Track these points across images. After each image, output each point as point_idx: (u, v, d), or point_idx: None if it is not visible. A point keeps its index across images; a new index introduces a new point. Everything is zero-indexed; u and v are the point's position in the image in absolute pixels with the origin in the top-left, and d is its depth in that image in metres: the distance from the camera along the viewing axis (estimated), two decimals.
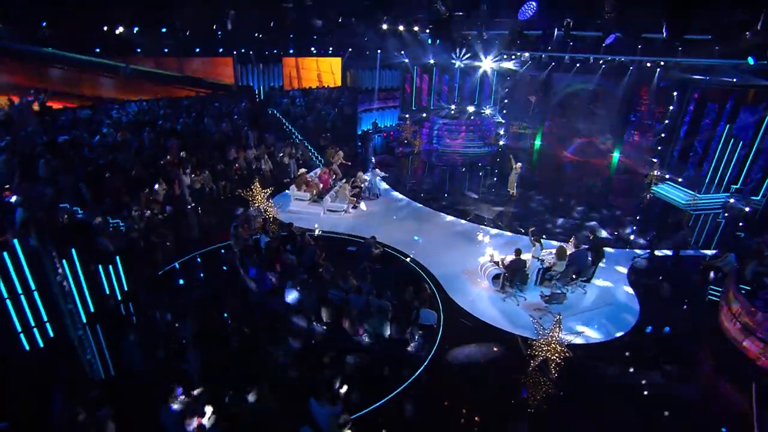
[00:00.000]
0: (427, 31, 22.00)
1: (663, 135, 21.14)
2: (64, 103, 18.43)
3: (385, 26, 21.64)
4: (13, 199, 10.76)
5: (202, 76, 22.33)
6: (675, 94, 20.75)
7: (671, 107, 21.09)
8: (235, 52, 22.61)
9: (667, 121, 21.23)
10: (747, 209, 17.38)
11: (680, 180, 19.28)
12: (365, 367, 8.56)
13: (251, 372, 8.09)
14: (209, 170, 16.29)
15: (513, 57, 23.38)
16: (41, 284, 7.49)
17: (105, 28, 16.97)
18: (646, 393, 8.38)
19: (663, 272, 12.71)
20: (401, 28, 22.20)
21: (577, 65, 22.09)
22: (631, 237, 14.82)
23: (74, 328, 6.49)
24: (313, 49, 25.85)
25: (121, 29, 17.18)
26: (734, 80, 17.79)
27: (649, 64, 19.88)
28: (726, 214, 17.13)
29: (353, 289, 9.70)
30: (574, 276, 11.17)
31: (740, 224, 16.55)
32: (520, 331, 9.79)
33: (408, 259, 12.66)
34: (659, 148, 21.25)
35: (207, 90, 22.14)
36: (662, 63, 19.49)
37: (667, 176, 19.72)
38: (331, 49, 26.48)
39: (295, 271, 10.52)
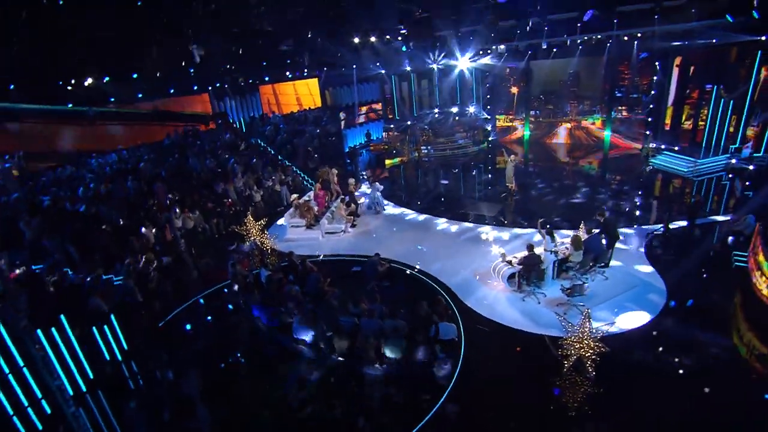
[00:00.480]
0: (399, 38, 21.78)
1: (652, 106, 20.84)
2: (42, 164, 17.94)
3: (356, 39, 21.38)
4: None
5: (189, 121, 21.87)
6: (657, 63, 20.52)
7: (655, 77, 20.85)
8: (210, 88, 22.28)
9: (653, 92, 20.96)
10: (751, 167, 16.97)
11: (676, 149, 18.94)
12: (389, 396, 7.98)
13: (267, 422, 7.49)
14: (200, 209, 15.80)
15: (489, 51, 23.14)
16: (29, 360, 6.91)
17: (73, 81, 16.55)
18: (693, 376, 7.80)
19: (682, 244, 12.22)
20: (373, 39, 21.97)
21: (555, 50, 21.89)
22: (640, 213, 14.39)
23: (66, 406, 5.91)
24: (288, 73, 25.59)
25: (90, 81, 16.78)
26: (714, 41, 17.54)
27: (626, 38, 19.67)
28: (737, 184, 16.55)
29: (364, 312, 9.15)
30: (591, 263, 10.64)
31: (747, 184, 16.14)
32: (546, 330, 9.22)
33: (415, 270, 12.12)
34: (650, 120, 20.95)
35: (184, 122, 21.41)
36: (639, 34, 19.28)
37: (662, 147, 19.37)
38: (306, 70, 26.22)
39: (301, 302, 9.98)
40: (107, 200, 14.95)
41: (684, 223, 13.12)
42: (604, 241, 10.97)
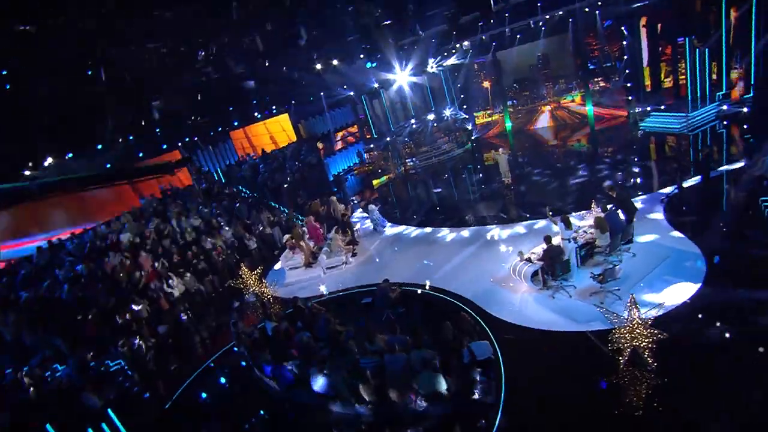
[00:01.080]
0: (362, 56, 21.33)
1: (628, 71, 20.40)
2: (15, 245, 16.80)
3: (318, 66, 20.87)
4: None
5: (150, 174, 20.76)
6: (623, 28, 20.17)
7: (624, 42, 20.48)
8: (180, 144, 21.52)
9: (626, 57, 20.56)
10: (745, 109, 16.41)
11: (663, 108, 18.42)
12: None
13: None
14: (191, 271, 14.88)
15: (454, 51, 22.74)
16: None
17: (31, 164, 15.64)
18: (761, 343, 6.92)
19: (702, 201, 11.48)
20: (335, 62, 21.49)
21: (519, 37, 21.54)
22: (647, 179, 13.70)
23: None
24: (256, 114, 24.95)
25: (50, 160, 15.93)
26: None
27: (587, 9, 19.35)
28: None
29: (385, 348, 8.21)
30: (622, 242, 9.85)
31: (745, 127, 15.56)
32: (587, 326, 8.30)
33: (427, 287, 11.23)
34: (629, 85, 20.48)
35: (147, 176, 20.20)
36: (600, 2, 18.98)
37: (649, 109, 18.84)
38: (274, 107, 25.59)
39: (314, 349, 9.03)
40: (90, 281, 13.97)
41: (697, 179, 12.39)
42: (622, 217, 10.19)
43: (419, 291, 11.22)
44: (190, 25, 15.24)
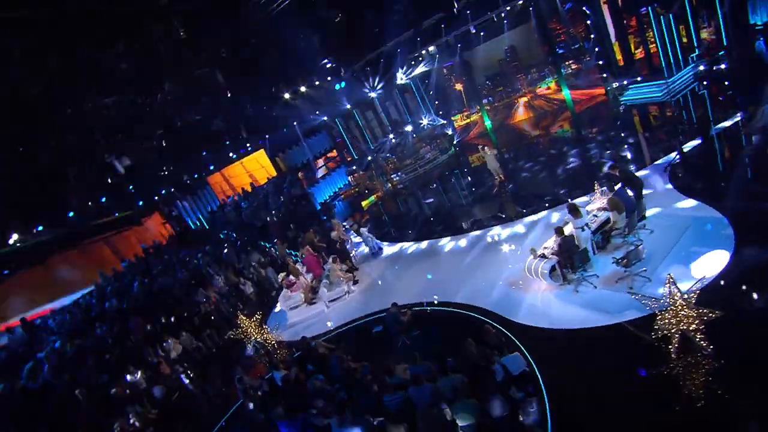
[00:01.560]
0: (329, 78, 20.87)
1: (597, 49, 20.17)
2: None
3: (287, 95, 20.33)
4: None
5: (135, 237, 19.79)
6: (584, 8, 20.02)
7: (588, 21, 20.32)
8: (156, 198, 20.62)
9: (593, 36, 20.36)
10: (723, 66, 16.12)
11: (639, 79, 18.12)
12: None
13: None
14: (187, 330, 13.94)
15: (421, 58, 22.43)
16: None
17: None
18: None
19: (708, 163, 10.94)
20: (303, 89, 21.01)
21: (482, 34, 21.32)
22: (642, 152, 13.21)
23: None
24: (231, 154, 24.21)
25: (15, 236, 14.96)
26: None
27: None
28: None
29: (408, 380, 7.38)
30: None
31: (726, 83, 15.24)
32: (621, 316, 7.58)
33: (435, 304, 10.46)
34: (601, 62, 20.23)
35: (114, 230, 18.96)
36: None
37: (626, 82, 18.54)
38: (248, 145, 24.84)
39: (330, 394, 8.15)
40: (80, 360, 12.96)
41: (696, 142, 11.89)
42: (630, 194, 9.59)
43: (428, 309, 10.43)
44: (142, 76, 14.56)
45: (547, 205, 12.57)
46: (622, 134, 15.67)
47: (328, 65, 19.61)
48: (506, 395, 6.76)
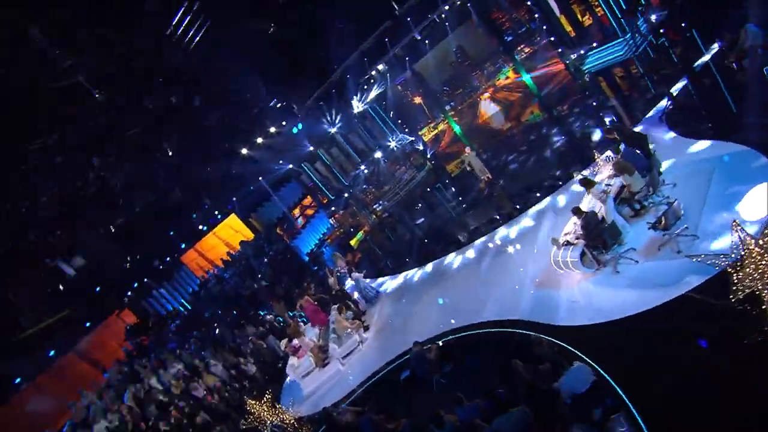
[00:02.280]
0: (284, 123, 19.90)
1: (545, 27, 19.78)
2: None
3: (243, 150, 19.25)
4: None
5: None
6: None
7: (529, 2, 20.03)
8: (128, 294, 18.70)
9: (537, 16, 20.04)
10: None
11: (595, 45, 17.63)
12: None
13: None
14: (191, 430, 12.23)
15: (372, 81, 21.76)
16: None
17: None
18: None
19: (705, 97, 10.12)
20: (260, 140, 20.00)
21: (427, 42, 20.82)
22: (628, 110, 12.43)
23: None
24: (201, 227, 22.71)
25: None
26: None
27: None
28: None
29: (462, 428, 6.02)
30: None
31: (682, 24, 14.72)
32: (681, 287, 6.37)
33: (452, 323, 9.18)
34: (552, 39, 19.80)
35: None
36: None
37: (582, 51, 18.02)
38: (216, 212, 23.37)
39: None
40: None
41: (683, 83, 11.09)
42: (638, 152, 8.60)
43: (440, 343, 8.96)
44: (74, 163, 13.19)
45: (548, 189, 11.52)
46: (601, 98, 15.00)
47: (278, 105, 18.55)
48: (585, 418, 5.43)
